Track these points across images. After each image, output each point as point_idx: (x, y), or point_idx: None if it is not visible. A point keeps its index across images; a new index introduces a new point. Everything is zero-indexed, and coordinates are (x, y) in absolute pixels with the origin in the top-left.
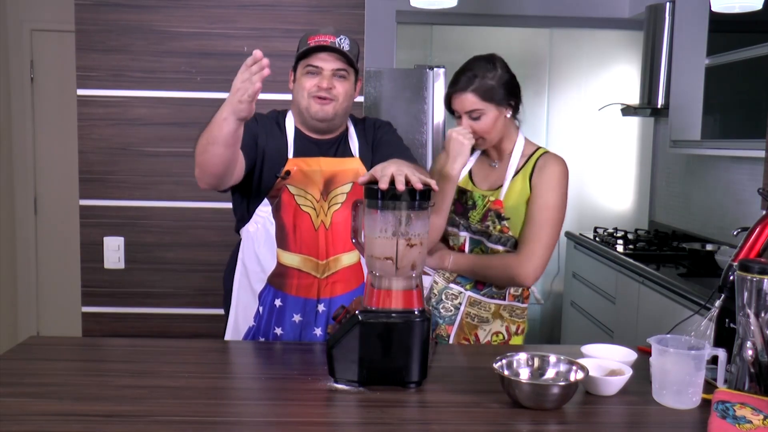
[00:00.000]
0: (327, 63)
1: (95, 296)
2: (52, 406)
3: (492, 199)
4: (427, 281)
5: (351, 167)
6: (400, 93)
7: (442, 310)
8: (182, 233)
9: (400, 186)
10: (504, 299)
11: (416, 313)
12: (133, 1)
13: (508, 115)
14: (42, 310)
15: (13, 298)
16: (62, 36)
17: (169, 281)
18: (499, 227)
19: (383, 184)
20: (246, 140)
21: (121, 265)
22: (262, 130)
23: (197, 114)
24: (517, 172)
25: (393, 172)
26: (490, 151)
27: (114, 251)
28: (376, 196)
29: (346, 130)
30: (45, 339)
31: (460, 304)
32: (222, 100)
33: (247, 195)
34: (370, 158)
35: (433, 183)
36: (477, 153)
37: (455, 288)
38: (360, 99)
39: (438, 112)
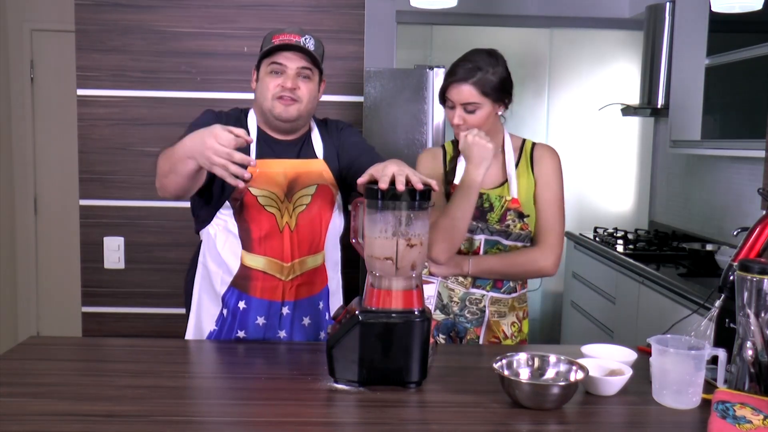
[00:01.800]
0: (291, 62)
1: (95, 296)
2: (52, 406)
3: (509, 198)
4: (431, 290)
5: (315, 169)
6: (400, 93)
7: (468, 315)
8: (182, 233)
9: (401, 186)
10: (517, 291)
11: (416, 313)
12: (133, 1)
13: (500, 113)
14: (42, 310)
15: (13, 298)
16: (62, 36)
17: (169, 281)
18: (519, 225)
19: (384, 184)
20: None
21: (121, 265)
22: None
23: (197, 114)
24: (515, 166)
25: (394, 171)
26: None
27: (114, 251)
28: (376, 196)
29: (309, 131)
30: (45, 339)
31: (485, 306)
32: (222, 100)
33: (207, 197)
34: (335, 160)
35: (433, 183)
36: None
37: (477, 292)
38: (360, 99)
39: (438, 112)
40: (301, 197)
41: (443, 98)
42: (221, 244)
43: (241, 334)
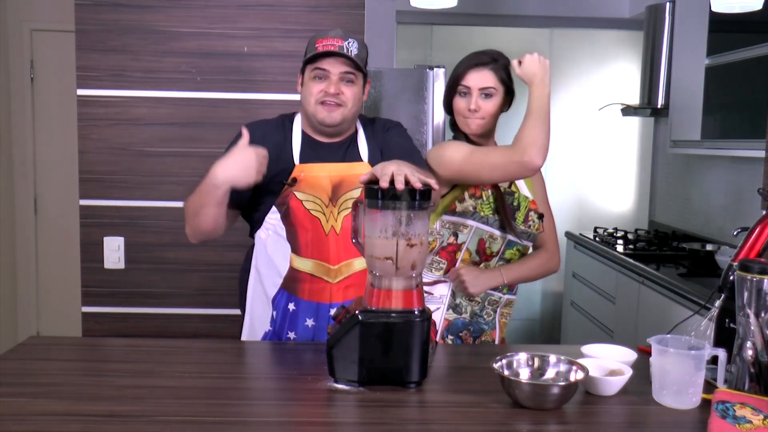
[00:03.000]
0: (334, 66)
1: (95, 296)
2: (52, 406)
3: (530, 199)
4: (443, 289)
5: (359, 172)
6: (400, 93)
7: (485, 316)
8: (182, 233)
9: (400, 185)
10: (515, 294)
11: (416, 313)
12: (133, 1)
13: (504, 110)
14: (42, 310)
15: (13, 298)
16: (62, 36)
17: (169, 281)
18: (538, 225)
19: (383, 183)
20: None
21: (121, 265)
22: (263, 142)
23: (197, 114)
24: None
25: (393, 171)
26: None
27: (114, 251)
28: (376, 196)
29: (355, 132)
30: (45, 339)
31: (498, 307)
32: (222, 100)
33: (254, 205)
34: (379, 160)
35: (433, 182)
36: None
37: (496, 294)
38: None
39: (438, 112)
40: (347, 200)
41: (454, 88)
42: (272, 247)
43: (291, 335)
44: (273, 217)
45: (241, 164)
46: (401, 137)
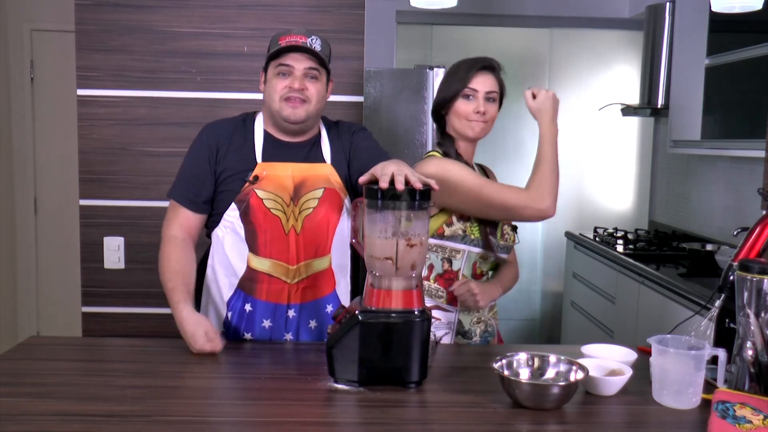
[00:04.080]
0: (298, 62)
1: (95, 296)
2: (52, 406)
3: None
4: (451, 317)
5: (322, 173)
6: (400, 93)
7: (489, 329)
8: None
9: (400, 185)
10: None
11: (416, 313)
12: (133, 1)
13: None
14: (42, 310)
15: (13, 298)
16: (62, 36)
17: None
18: (513, 237)
19: (383, 184)
20: (196, 188)
21: (121, 265)
22: (222, 142)
23: (197, 114)
24: None
25: (393, 171)
26: (468, 159)
27: (114, 251)
28: (376, 196)
29: (319, 134)
30: (45, 339)
31: (492, 315)
32: (222, 100)
33: (214, 201)
34: (345, 164)
35: (433, 183)
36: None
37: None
38: (360, 99)
39: None
40: (308, 201)
41: (457, 92)
42: (229, 246)
43: (247, 336)
44: (232, 215)
45: (189, 340)
46: (369, 140)
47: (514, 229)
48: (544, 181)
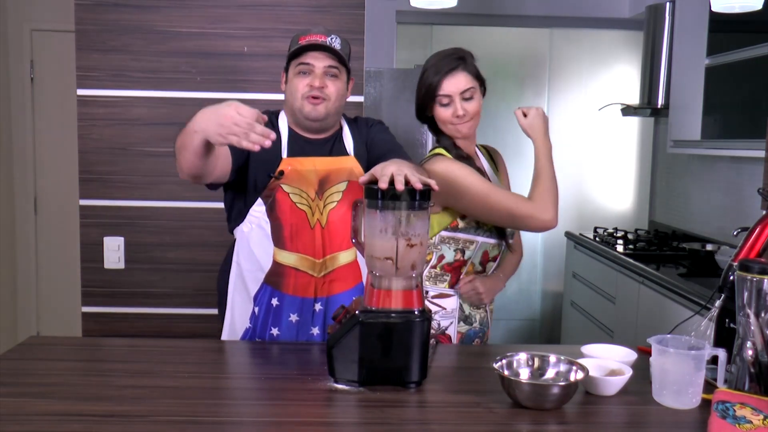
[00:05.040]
0: (318, 61)
1: (95, 296)
2: (52, 406)
3: None
4: (452, 302)
5: (346, 166)
6: (400, 93)
7: (488, 321)
8: (182, 233)
9: (400, 186)
10: None
11: (416, 313)
12: (133, 1)
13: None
14: (42, 310)
15: (13, 298)
16: (62, 36)
17: (169, 281)
18: None
19: (383, 184)
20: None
21: (121, 265)
22: None
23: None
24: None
25: (393, 171)
26: (470, 151)
27: (114, 251)
28: (376, 196)
29: (340, 129)
30: (45, 339)
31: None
32: (222, 100)
33: (240, 195)
34: (366, 156)
35: (432, 183)
36: (483, 161)
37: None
38: (360, 99)
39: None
40: (333, 194)
41: (431, 98)
42: (255, 241)
43: (274, 331)
44: (258, 210)
45: (220, 119)
46: (386, 133)
47: None
48: (545, 193)
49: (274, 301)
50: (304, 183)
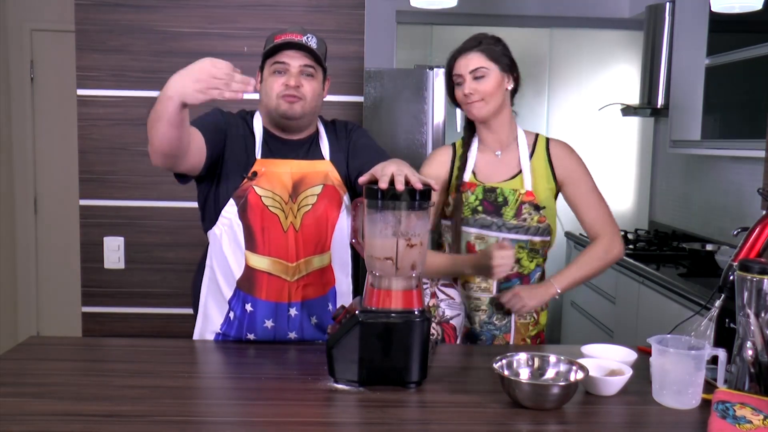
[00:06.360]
0: (294, 60)
1: (95, 296)
2: (52, 406)
3: (523, 191)
4: (456, 294)
5: (321, 169)
6: (400, 93)
7: (496, 322)
8: (182, 233)
9: (400, 186)
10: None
11: (416, 313)
12: (133, 1)
13: (509, 87)
14: (42, 310)
15: (13, 298)
16: (62, 36)
17: (168, 281)
18: (537, 217)
19: (383, 184)
20: (210, 129)
21: (121, 265)
22: (231, 124)
23: (197, 114)
24: (529, 159)
25: (393, 171)
26: (491, 142)
27: (114, 251)
28: (376, 196)
29: (317, 131)
30: (45, 339)
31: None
32: (222, 100)
33: (211, 195)
34: (343, 161)
35: (433, 183)
36: (474, 148)
37: (478, 294)
38: (360, 99)
39: (438, 112)
40: (307, 197)
41: (450, 80)
42: (226, 244)
43: (250, 337)
44: (230, 211)
45: (197, 75)
46: (367, 138)
47: (538, 208)
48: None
49: (248, 307)
50: (278, 185)
